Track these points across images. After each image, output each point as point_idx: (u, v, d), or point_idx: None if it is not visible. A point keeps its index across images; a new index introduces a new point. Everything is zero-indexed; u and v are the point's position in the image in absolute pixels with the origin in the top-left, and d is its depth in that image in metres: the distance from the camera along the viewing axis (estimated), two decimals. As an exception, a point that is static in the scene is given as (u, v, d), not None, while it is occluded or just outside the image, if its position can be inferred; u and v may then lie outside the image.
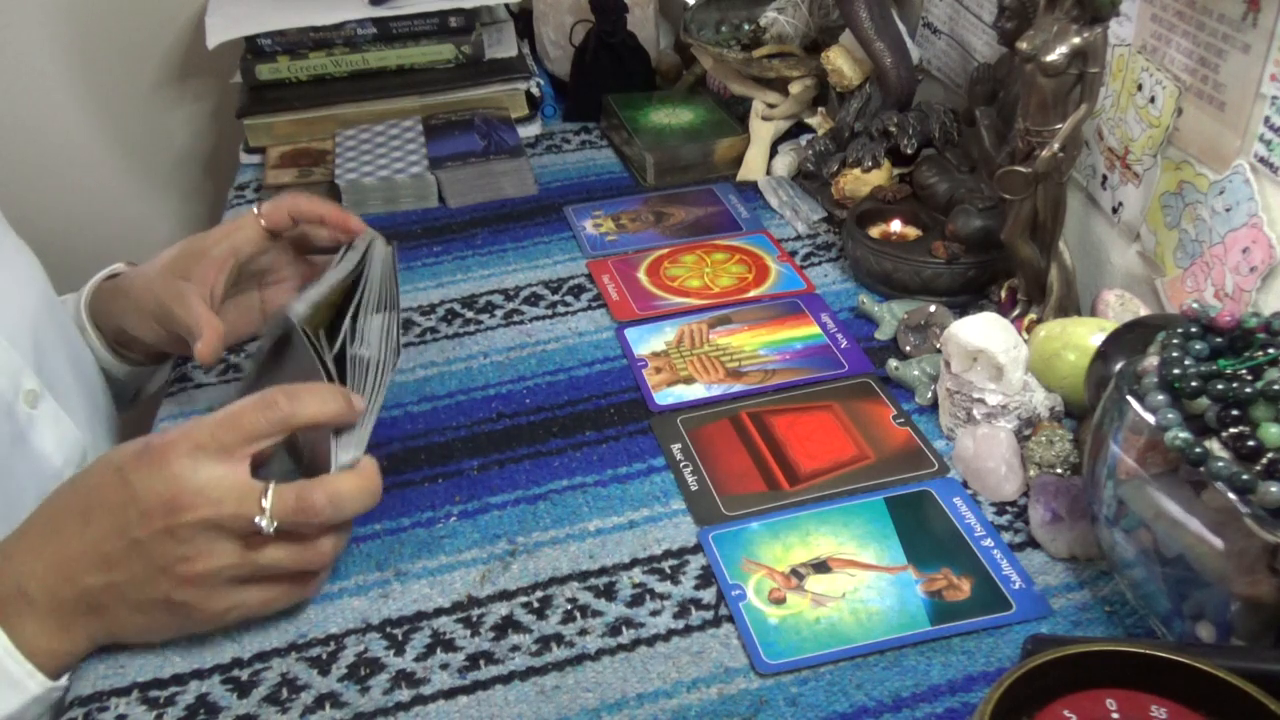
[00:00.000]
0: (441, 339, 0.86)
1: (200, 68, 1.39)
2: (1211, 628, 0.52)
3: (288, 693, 0.58)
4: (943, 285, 0.85)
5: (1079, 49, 0.68)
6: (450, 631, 0.61)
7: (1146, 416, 0.52)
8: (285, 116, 1.14)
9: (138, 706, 0.58)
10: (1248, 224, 0.67)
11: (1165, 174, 0.74)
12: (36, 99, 1.34)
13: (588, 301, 0.90)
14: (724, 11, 1.15)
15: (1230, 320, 0.53)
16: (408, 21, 1.15)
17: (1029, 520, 0.65)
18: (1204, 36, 0.69)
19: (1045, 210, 0.76)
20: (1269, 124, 0.65)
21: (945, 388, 0.72)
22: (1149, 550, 0.54)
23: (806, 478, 0.70)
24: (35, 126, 1.36)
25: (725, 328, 0.85)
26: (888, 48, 0.96)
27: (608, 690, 0.57)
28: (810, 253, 0.95)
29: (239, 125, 1.15)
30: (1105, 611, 0.60)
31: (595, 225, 1.00)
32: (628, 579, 0.64)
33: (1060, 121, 0.71)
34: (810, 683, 0.57)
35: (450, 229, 1.01)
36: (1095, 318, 0.75)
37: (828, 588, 0.62)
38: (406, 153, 1.08)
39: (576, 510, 0.69)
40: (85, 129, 1.38)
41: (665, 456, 0.73)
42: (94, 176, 1.41)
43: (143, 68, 1.38)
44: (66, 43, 1.33)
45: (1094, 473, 0.57)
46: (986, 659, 0.58)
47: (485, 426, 0.76)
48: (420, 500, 0.70)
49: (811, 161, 1.02)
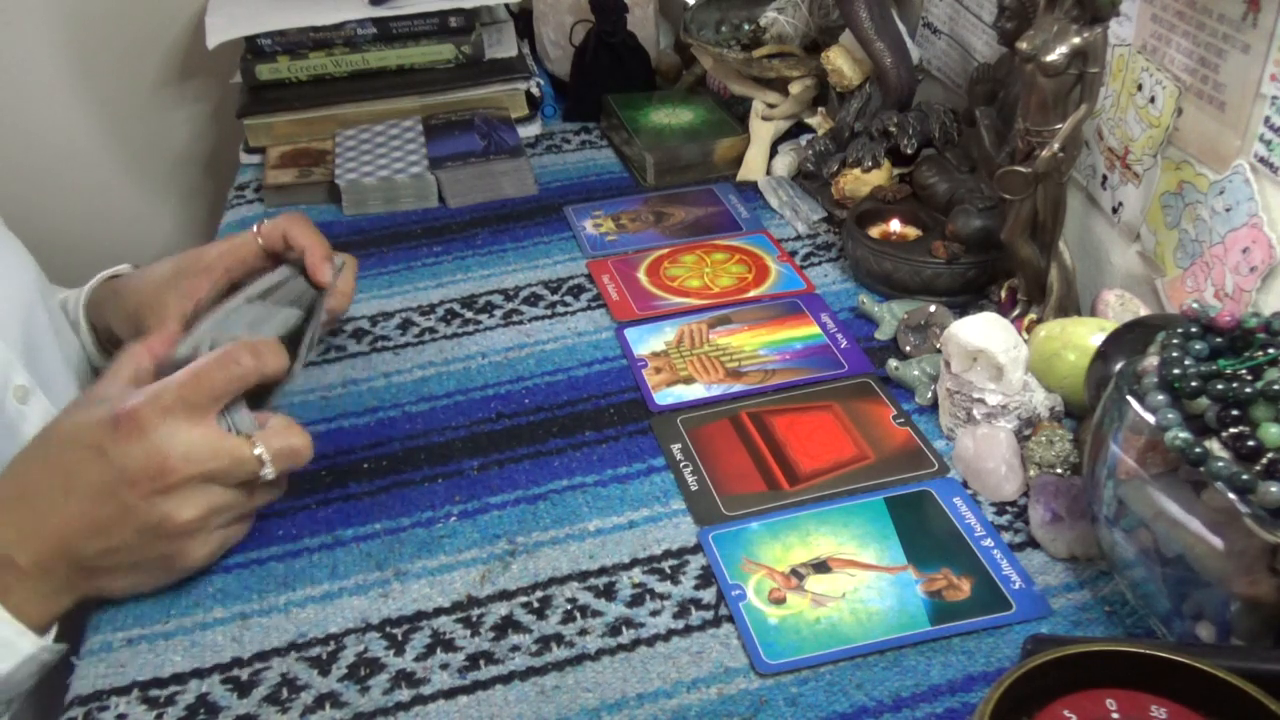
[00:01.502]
0: (441, 339, 0.86)
1: (200, 68, 1.39)
2: (1211, 628, 0.52)
3: (288, 693, 0.58)
4: (943, 285, 0.85)
5: (1079, 49, 0.68)
6: (450, 631, 0.61)
7: (1146, 416, 0.52)
8: (285, 116, 1.14)
9: (138, 706, 0.58)
10: (1248, 224, 0.67)
11: (1165, 174, 0.74)
12: (37, 99, 1.34)
13: (587, 301, 0.90)
14: (724, 11, 1.15)
15: (1230, 320, 0.53)
16: (408, 21, 1.15)
17: (1029, 520, 0.65)
18: (1204, 36, 0.69)
19: (1045, 210, 0.76)
20: (1269, 124, 0.65)
21: (945, 388, 0.72)
22: (1149, 550, 0.54)
23: (806, 478, 0.70)
24: (35, 126, 1.36)
25: (725, 328, 0.85)
26: (888, 48, 0.96)
27: (608, 690, 0.57)
28: (810, 253, 0.95)
29: (239, 125, 1.15)
30: (1105, 611, 0.60)
31: (595, 225, 1.00)
32: (628, 579, 0.64)
33: (1060, 121, 0.71)
34: (810, 683, 0.57)
35: (450, 229, 1.01)
36: (1095, 318, 0.75)
37: (828, 588, 0.62)
38: (406, 153, 1.08)
39: (576, 510, 0.69)
40: (85, 129, 1.38)
41: (665, 456, 0.73)
42: (94, 176, 1.41)
43: (143, 68, 1.38)
44: (67, 43, 1.33)
45: (1094, 473, 0.57)
46: (986, 659, 0.58)
47: (485, 426, 0.76)
48: (420, 500, 0.70)
49: (811, 161, 1.02)
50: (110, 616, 0.63)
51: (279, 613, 0.63)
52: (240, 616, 0.63)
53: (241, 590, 0.64)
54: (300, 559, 0.66)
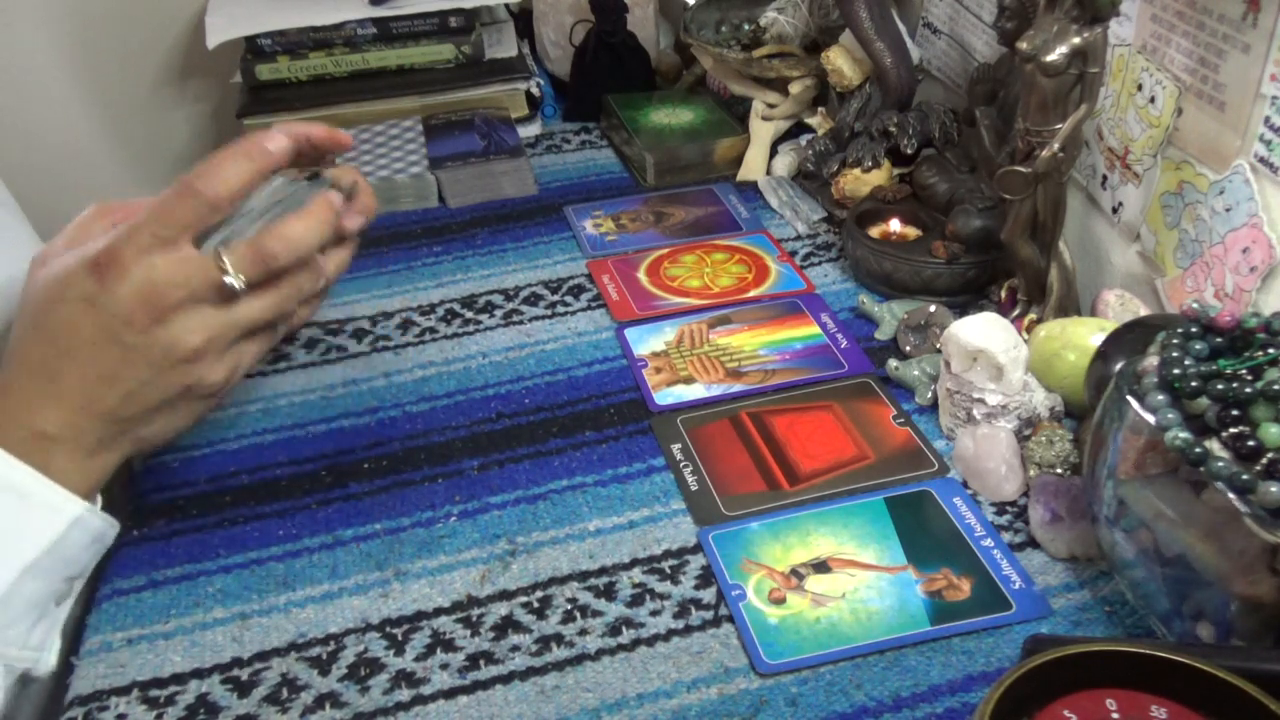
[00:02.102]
0: (441, 339, 0.86)
1: (200, 68, 1.39)
2: (1211, 628, 0.52)
3: (288, 693, 0.58)
4: (943, 285, 0.85)
5: (1079, 49, 0.68)
6: (450, 631, 0.61)
7: (1146, 416, 0.52)
8: (285, 116, 1.13)
9: (138, 706, 0.58)
10: (1248, 224, 0.67)
11: (1165, 174, 0.74)
12: (37, 99, 1.34)
13: (587, 301, 0.90)
14: (724, 11, 1.15)
15: (1230, 320, 0.53)
16: (408, 21, 1.15)
17: (1029, 520, 0.65)
18: (1204, 36, 0.69)
19: (1045, 210, 0.76)
20: (1269, 124, 0.65)
21: (945, 388, 0.72)
22: (1149, 550, 0.54)
23: (806, 478, 0.70)
24: (35, 126, 1.35)
25: (725, 328, 0.85)
26: (888, 48, 0.96)
27: (608, 690, 0.57)
28: (810, 253, 0.95)
29: (239, 125, 1.14)
30: (1105, 611, 0.60)
31: (595, 225, 1.00)
32: (628, 579, 0.64)
33: (1060, 121, 0.71)
34: (810, 683, 0.57)
35: (450, 229, 1.01)
36: (1095, 318, 0.75)
37: (828, 588, 0.62)
38: (406, 153, 1.08)
39: (576, 510, 0.69)
40: (85, 129, 1.38)
41: (665, 456, 0.73)
42: (94, 176, 1.41)
43: (143, 68, 1.38)
44: (67, 43, 1.33)
45: (1094, 473, 0.57)
46: (986, 659, 0.58)
47: (485, 426, 0.76)
48: (420, 500, 0.70)
49: (811, 161, 1.02)
50: (110, 616, 0.63)
51: (279, 613, 0.63)
52: (240, 616, 0.63)
53: (241, 590, 0.64)
54: (300, 559, 0.66)
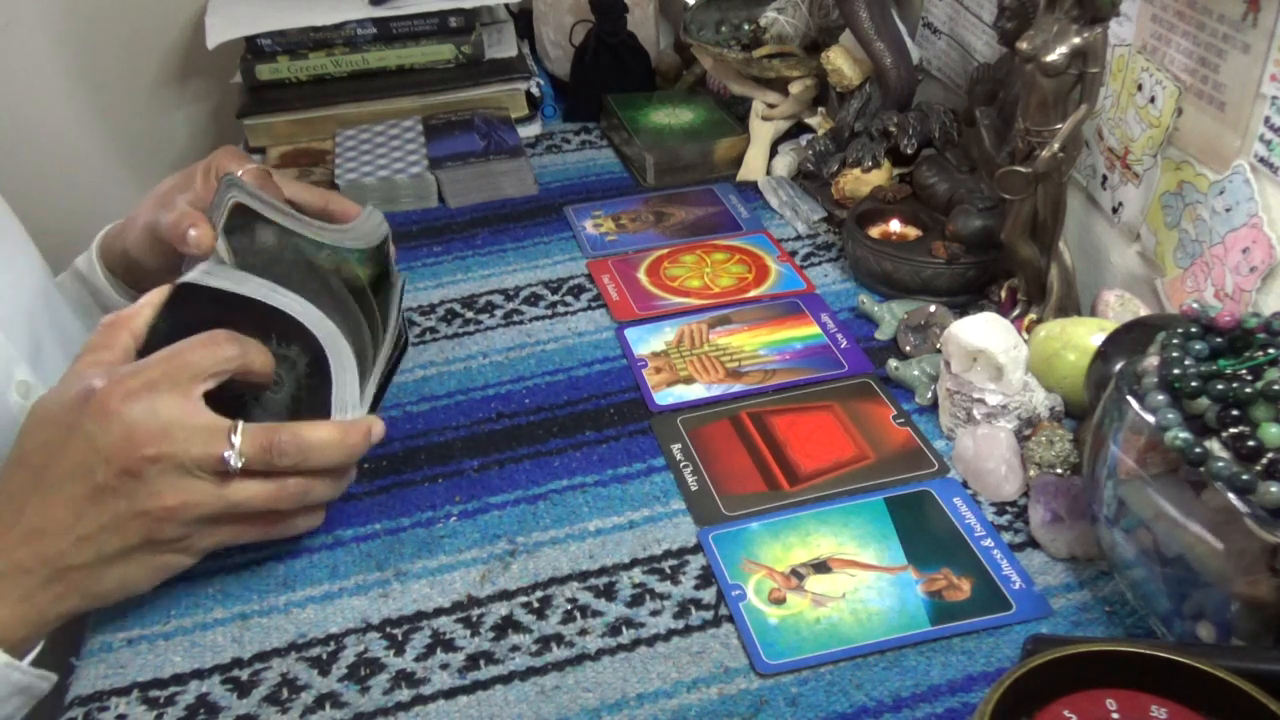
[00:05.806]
0: (441, 339, 0.86)
1: (200, 68, 1.39)
2: (1211, 628, 0.52)
3: (288, 693, 0.58)
4: (943, 285, 0.85)
5: (1079, 49, 0.68)
6: (450, 631, 0.61)
7: (1146, 416, 0.52)
8: (285, 117, 1.14)
9: (138, 706, 0.58)
10: (1248, 224, 0.67)
11: (1165, 174, 0.74)
12: (37, 99, 1.34)
13: (587, 301, 0.90)
14: (724, 11, 1.15)
15: (1230, 320, 0.53)
16: (408, 21, 1.15)
17: (1029, 520, 0.65)
18: (1204, 36, 0.69)
19: (1045, 210, 0.76)
20: (1269, 124, 0.65)
21: (945, 388, 0.72)
22: (1149, 550, 0.54)
23: (806, 478, 0.70)
24: (36, 127, 1.36)
25: (725, 328, 0.85)
26: (888, 48, 0.96)
27: (608, 690, 0.57)
28: (810, 253, 0.95)
29: (239, 125, 1.15)
30: (1105, 611, 0.60)
31: (595, 225, 1.00)
32: (628, 579, 0.64)
33: (1060, 121, 0.71)
34: (810, 683, 0.57)
35: (450, 229, 1.01)
36: (1095, 318, 0.75)
37: (828, 588, 0.62)
38: (406, 153, 1.08)
39: (576, 510, 0.69)
40: (85, 129, 1.38)
41: (665, 456, 0.73)
42: (94, 176, 1.41)
43: (143, 68, 1.38)
44: (67, 43, 1.33)
45: (1094, 473, 0.57)
46: (986, 659, 0.58)
47: (485, 426, 0.76)
48: (420, 500, 0.70)
49: (811, 161, 1.02)
50: (110, 617, 0.63)
51: (279, 613, 0.63)
52: (240, 617, 0.63)
53: (241, 590, 0.64)
54: (300, 559, 0.66)
